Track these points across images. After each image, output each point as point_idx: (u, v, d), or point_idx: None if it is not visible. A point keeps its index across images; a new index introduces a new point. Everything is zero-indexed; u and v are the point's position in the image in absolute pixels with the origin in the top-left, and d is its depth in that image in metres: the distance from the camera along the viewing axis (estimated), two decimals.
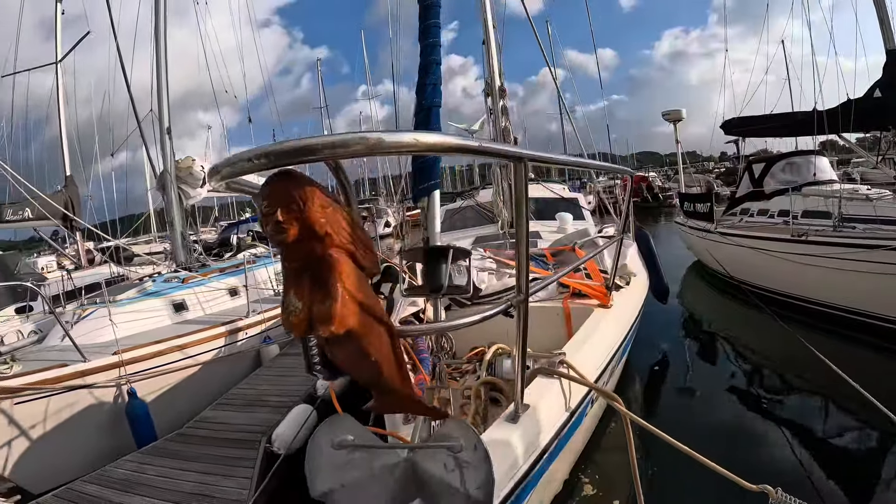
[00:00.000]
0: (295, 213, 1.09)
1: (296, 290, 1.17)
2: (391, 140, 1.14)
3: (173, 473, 5.10)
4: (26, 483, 5.65)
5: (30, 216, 11.95)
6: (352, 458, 1.59)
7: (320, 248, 1.12)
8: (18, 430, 5.68)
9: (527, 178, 1.79)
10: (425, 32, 3.73)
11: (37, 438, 5.78)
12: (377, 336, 1.22)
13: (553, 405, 2.60)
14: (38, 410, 5.82)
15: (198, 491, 4.68)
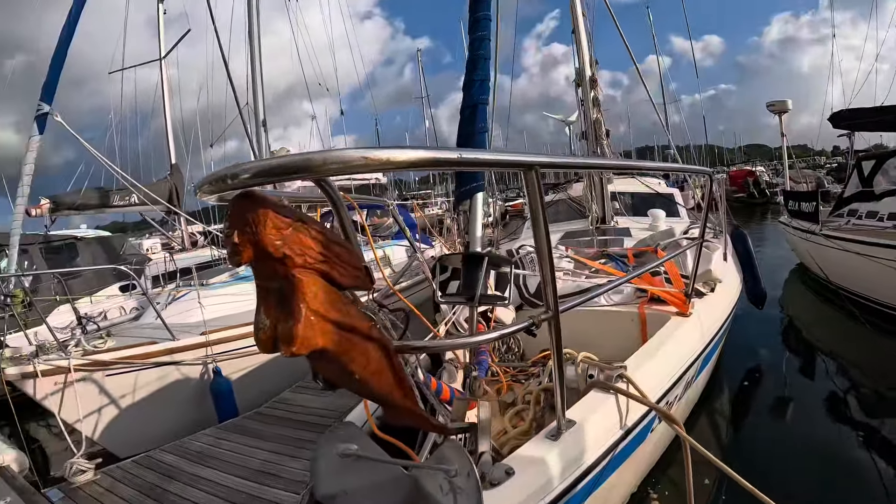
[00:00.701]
0: (248, 236, 1.09)
1: (265, 308, 1.18)
2: (379, 156, 1.18)
3: (245, 450, 5.47)
4: (113, 447, 6.22)
5: (135, 202, 12.87)
6: (355, 466, 1.67)
7: (282, 269, 1.12)
8: (109, 400, 6.25)
9: (540, 186, 1.74)
10: (475, 25, 3.68)
11: (125, 408, 6.34)
12: (360, 353, 1.25)
13: (605, 422, 2.46)
14: (127, 382, 6.37)
15: (265, 469, 5.00)
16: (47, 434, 7.39)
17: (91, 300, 10.14)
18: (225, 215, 1.18)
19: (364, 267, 1.40)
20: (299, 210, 1.23)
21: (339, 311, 1.19)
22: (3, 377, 5.70)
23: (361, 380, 1.26)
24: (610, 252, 5.89)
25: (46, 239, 11.30)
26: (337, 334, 1.17)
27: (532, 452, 2.14)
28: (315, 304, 1.13)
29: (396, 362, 1.38)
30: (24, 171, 7.63)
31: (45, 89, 7.62)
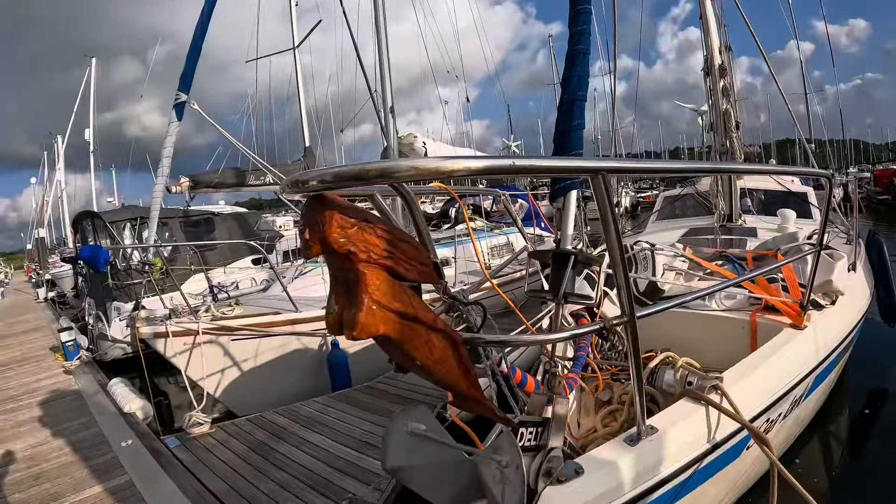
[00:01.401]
0: (317, 234, 1.19)
1: (335, 295, 1.28)
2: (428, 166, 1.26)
3: (351, 419, 5.65)
4: (231, 405, 6.66)
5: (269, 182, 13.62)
6: (422, 445, 1.80)
7: (348, 263, 1.22)
8: (231, 362, 6.63)
9: (609, 191, 1.68)
10: (574, 19, 3.54)
11: (246, 371, 6.70)
12: (423, 342, 1.33)
13: (691, 434, 2.36)
14: (250, 348, 6.72)
15: (366, 439, 5.14)
16: (173, 389, 7.97)
17: (224, 271, 10.84)
18: (301, 212, 1.30)
19: (433, 263, 1.53)
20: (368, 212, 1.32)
21: (402, 302, 1.27)
22: (137, 335, 6.20)
23: (424, 366, 1.35)
24: (728, 253, 5.54)
25: (186, 213, 12.18)
26: (399, 323, 1.26)
27: (606, 454, 2.10)
28: (377, 295, 1.22)
29: (462, 353, 1.45)
30: (163, 153, 8.27)
31: (182, 80, 8.22)
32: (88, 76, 31.91)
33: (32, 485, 4.73)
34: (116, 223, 11.10)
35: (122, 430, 5.68)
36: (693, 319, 4.25)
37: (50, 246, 32.34)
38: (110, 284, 9.71)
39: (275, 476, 4.58)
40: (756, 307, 4.08)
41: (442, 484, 1.86)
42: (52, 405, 6.96)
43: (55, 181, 36.95)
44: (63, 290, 19.56)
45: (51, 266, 22.89)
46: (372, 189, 2.27)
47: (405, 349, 1.30)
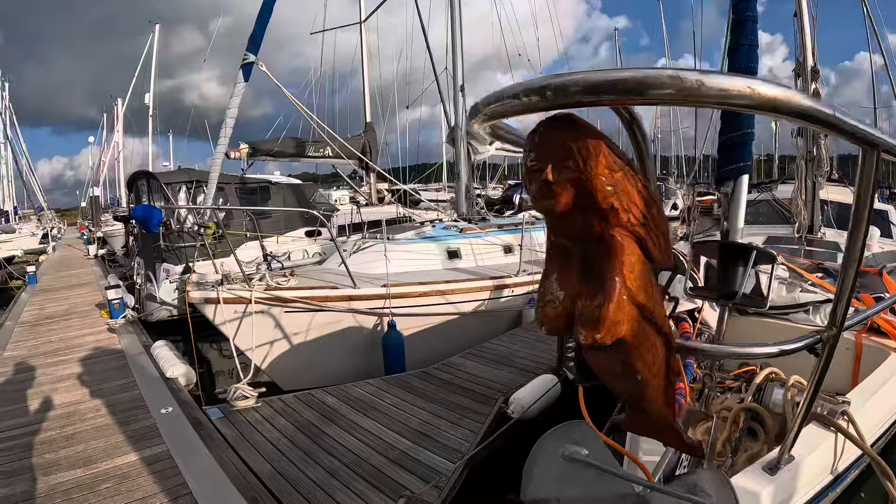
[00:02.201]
0: (571, 174, 0.84)
1: (559, 276, 0.94)
2: (715, 84, 0.77)
3: (406, 407, 5.29)
4: (278, 379, 6.42)
5: (329, 154, 13.42)
6: (578, 473, 1.39)
7: (600, 225, 0.86)
8: (282, 335, 6.37)
9: (877, 172, 1.29)
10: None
11: (296, 345, 6.44)
12: (650, 349, 0.95)
13: (820, 463, 2.29)
14: (303, 321, 6.46)
15: (423, 430, 4.80)
16: (215, 356, 7.77)
17: (277, 241, 10.65)
18: (529, 144, 0.89)
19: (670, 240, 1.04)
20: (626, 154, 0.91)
21: (647, 293, 0.91)
22: (187, 299, 5.97)
23: (644, 380, 0.95)
24: (827, 266, 5.13)
25: (242, 180, 12.02)
26: (639, 323, 0.90)
27: (747, 485, 2.02)
28: (630, 280, 0.87)
29: (674, 364, 1.03)
30: (227, 114, 8.05)
31: (251, 40, 8.02)
32: (151, 42, 32.58)
33: (64, 445, 4.48)
34: (172, 185, 10.98)
35: (162, 396, 5.42)
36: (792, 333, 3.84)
37: (103, 205, 33.02)
38: (161, 245, 9.59)
39: (323, 461, 4.26)
40: (862, 327, 3.81)
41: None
42: (93, 362, 6.75)
43: (112, 143, 37.77)
44: (113, 248, 19.81)
45: (103, 224, 23.22)
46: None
47: (631, 358, 0.91)
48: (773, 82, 0.80)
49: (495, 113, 0.89)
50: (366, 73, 17.31)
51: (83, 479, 3.94)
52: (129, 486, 3.82)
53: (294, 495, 3.79)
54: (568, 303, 0.91)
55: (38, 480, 3.94)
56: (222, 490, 3.70)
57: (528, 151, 0.89)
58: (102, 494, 3.73)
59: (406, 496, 3.61)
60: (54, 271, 16.66)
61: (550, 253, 0.96)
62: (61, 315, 9.84)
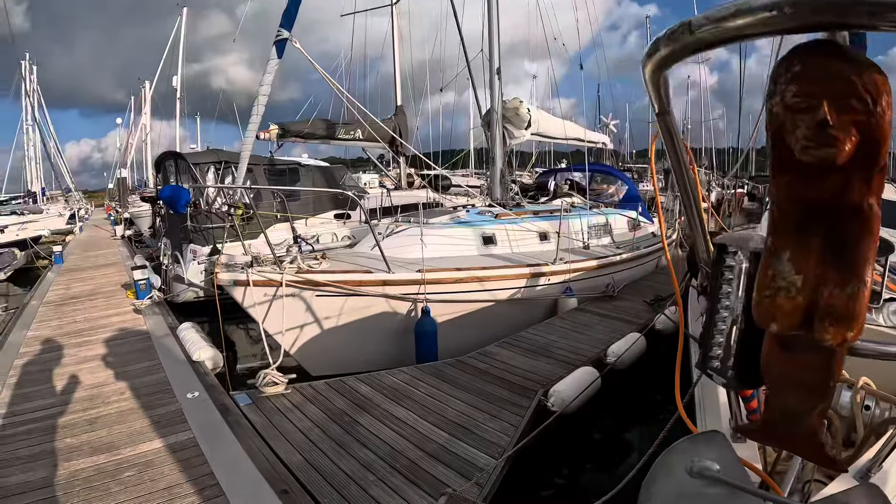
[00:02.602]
0: (858, 115, 0.64)
1: (794, 255, 0.74)
2: None
3: (442, 396, 5.06)
4: (308, 365, 6.20)
5: (360, 137, 13.22)
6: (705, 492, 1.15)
7: (861, 190, 0.67)
8: (313, 319, 6.17)
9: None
10: None
11: (327, 329, 6.23)
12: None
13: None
14: (335, 306, 6.24)
15: (460, 421, 4.57)
16: (242, 339, 7.60)
17: (307, 223, 10.47)
18: (787, 74, 0.68)
19: None
20: None
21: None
22: (216, 280, 5.79)
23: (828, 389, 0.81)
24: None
25: (271, 162, 11.86)
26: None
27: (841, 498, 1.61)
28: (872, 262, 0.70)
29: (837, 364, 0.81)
30: (260, 91, 7.80)
31: (284, 16, 7.77)
32: (179, 25, 32.64)
33: (86, 430, 4.32)
34: (200, 165, 10.82)
35: (189, 380, 5.24)
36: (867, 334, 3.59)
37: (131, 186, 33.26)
38: (188, 226, 9.44)
39: (357, 453, 4.04)
40: None
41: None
42: (118, 344, 6.61)
43: (140, 125, 38.03)
44: (140, 229, 19.86)
45: (130, 205, 23.33)
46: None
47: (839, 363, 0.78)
48: None
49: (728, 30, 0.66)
50: (397, 57, 17.11)
51: (105, 467, 3.76)
52: (153, 475, 3.63)
53: (327, 489, 3.57)
54: (808, 291, 0.72)
55: (58, 466, 3.77)
56: (251, 481, 3.50)
57: (788, 84, 0.68)
58: (125, 483, 3.55)
59: (448, 493, 3.37)
60: (81, 251, 16.68)
61: (779, 226, 0.76)
62: (87, 295, 9.76)
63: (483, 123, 10.84)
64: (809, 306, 0.73)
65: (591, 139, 15.12)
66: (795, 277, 0.74)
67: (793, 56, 0.69)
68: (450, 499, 3.34)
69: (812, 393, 0.83)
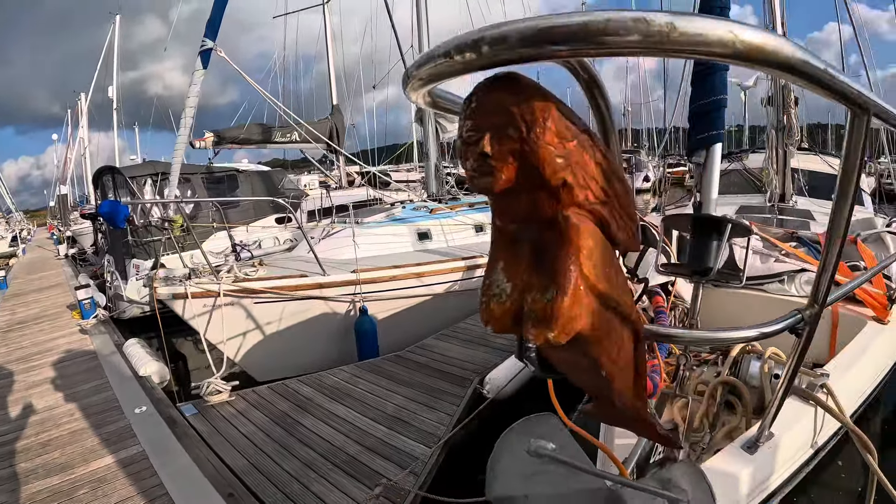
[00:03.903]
0: (513, 144, 0.71)
1: (506, 265, 0.82)
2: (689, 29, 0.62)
3: (381, 392, 5.34)
4: (252, 371, 6.42)
5: (296, 139, 13.34)
6: (545, 469, 1.33)
7: (551, 205, 0.74)
8: (254, 326, 6.37)
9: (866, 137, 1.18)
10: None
11: (269, 335, 6.45)
12: (615, 342, 0.85)
13: (800, 438, 2.26)
14: (274, 311, 6.45)
15: (399, 415, 4.84)
16: (191, 350, 7.75)
17: (247, 229, 10.59)
18: (465, 111, 0.76)
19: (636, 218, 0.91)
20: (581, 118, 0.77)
21: (610, 282, 0.79)
22: (155, 295, 5.93)
23: (609, 375, 0.85)
24: (801, 235, 5.17)
25: (209, 170, 11.91)
26: (599, 314, 0.78)
27: (726, 466, 1.98)
28: (588, 268, 0.75)
29: (641, 352, 0.93)
30: (187, 102, 7.94)
31: (208, 26, 7.88)
32: (112, 33, 31.92)
33: (40, 453, 4.49)
34: (137, 178, 10.83)
35: (136, 396, 5.42)
36: (770, 304, 3.97)
37: (72, 203, 32.62)
38: (129, 241, 9.50)
39: (299, 453, 4.30)
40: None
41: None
42: (66, 366, 6.72)
43: (78, 139, 37.21)
44: (83, 246, 19.58)
45: (72, 223, 22.96)
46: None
47: (593, 353, 0.82)
48: (760, 28, 0.68)
49: (430, 76, 0.77)
50: (330, 56, 17.14)
51: (60, 487, 3.95)
52: (106, 491, 3.84)
53: (270, 489, 3.82)
54: (516, 297, 0.80)
55: (16, 491, 3.95)
56: (198, 488, 3.73)
57: (464, 120, 0.77)
58: (79, 500, 3.76)
59: (383, 484, 3.65)
60: (25, 274, 16.45)
61: (496, 240, 0.85)
62: (33, 319, 9.76)
63: (416, 119, 11.03)
64: (518, 311, 0.79)
65: None
66: (506, 285, 0.81)
67: (472, 93, 0.76)
68: (385, 489, 3.62)
69: (592, 379, 0.91)
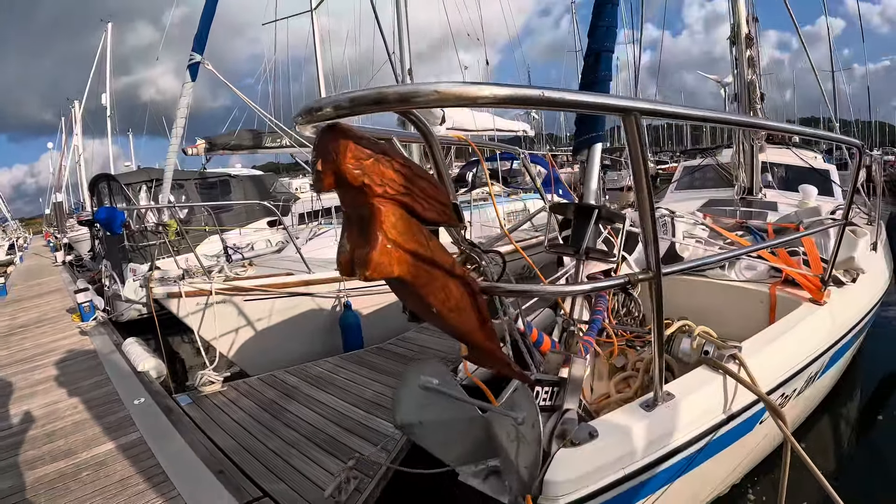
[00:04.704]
0: (330, 165, 1.13)
1: (347, 233, 1.22)
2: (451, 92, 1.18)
3: (361, 380, 5.73)
4: (244, 365, 6.80)
5: (286, 144, 13.71)
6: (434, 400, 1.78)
7: (362, 197, 1.16)
8: (245, 322, 6.73)
9: (641, 134, 1.58)
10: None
11: (259, 331, 6.81)
12: (440, 288, 1.27)
13: (707, 403, 2.37)
14: (263, 308, 6.81)
15: (376, 399, 5.22)
16: (188, 349, 8.13)
17: (241, 232, 10.97)
18: (314, 145, 1.20)
19: (453, 204, 1.42)
20: (386, 144, 1.24)
21: (419, 243, 1.22)
22: (151, 296, 6.30)
23: (440, 313, 1.28)
24: (750, 224, 5.49)
25: (202, 175, 12.31)
26: (414, 265, 1.20)
27: (621, 419, 2.12)
28: (393, 233, 1.17)
29: (480, 302, 1.38)
30: (177, 114, 8.38)
31: (196, 41, 8.28)
32: (104, 41, 32.15)
33: (46, 442, 4.83)
34: (132, 185, 11.23)
35: (135, 389, 5.79)
36: (712, 289, 4.25)
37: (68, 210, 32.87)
38: (126, 246, 9.85)
39: (283, 434, 4.66)
40: (776, 280, 4.06)
41: (454, 441, 1.85)
42: (67, 365, 7.09)
43: (72, 146, 37.44)
44: (80, 253, 19.92)
45: (68, 230, 23.27)
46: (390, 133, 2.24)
47: (421, 294, 1.25)
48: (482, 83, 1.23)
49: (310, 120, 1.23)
50: (319, 61, 17.35)
51: (65, 470, 4.28)
52: (107, 472, 4.18)
53: (256, 465, 4.18)
54: (350, 251, 1.18)
55: (23, 475, 4.27)
56: (192, 467, 4.07)
57: (313, 150, 1.18)
58: (83, 481, 4.09)
59: (356, 458, 4.01)
60: (23, 281, 16.79)
61: (343, 219, 1.26)
62: (34, 323, 10.11)
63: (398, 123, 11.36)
64: (352, 261, 1.17)
65: (508, 128, 15.75)
66: (347, 245, 1.19)
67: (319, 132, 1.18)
68: (357, 462, 3.98)
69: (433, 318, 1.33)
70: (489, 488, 1.82)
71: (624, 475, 1.96)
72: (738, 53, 7.76)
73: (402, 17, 11.31)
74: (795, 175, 8.28)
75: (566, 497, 1.83)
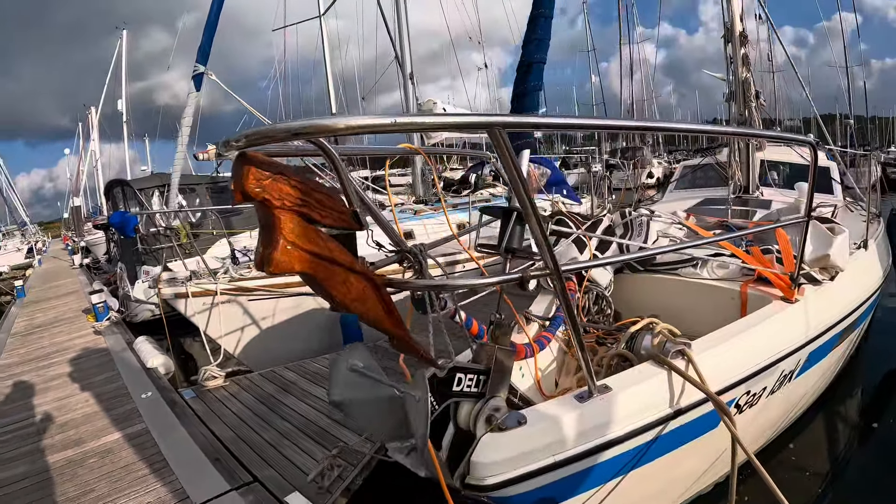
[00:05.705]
0: (237, 185, 1.35)
1: (260, 238, 1.43)
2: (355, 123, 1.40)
3: None
4: (248, 362, 7.07)
5: None
6: (361, 381, 1.98)
7: (265, 209, 1.38)
8: (249, 321, 7.02)
9: (508, 146, 1.70)
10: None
11: (263, 329, 7.09)
12: (340, 282, 1.49)
13: (649, 398, 2.39)
14: (267, 307, 7.08)
15: None
16: (197, 349, 8.40)
17: (251, 235, 11.24)
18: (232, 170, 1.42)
19: (352, 211, 1.66)
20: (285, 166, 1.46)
21: (316, 245, 1.42)
22: (160, 296, 6.60)
23: (342, 304, 1.51)
24: (731, 223, 5.51)
25: (213, 180, 12.62)
26: (314, 262, 1.41)
27: (551, 409, 2.21)
28: (291, 237, 1.37)
29: (384, 294, 1.62)
30: (183, 122, 8.78)
31: (200, 52, 8.65)
32: (120, 48, 32.74)
33: (58, 432, 5.14)
34: (145, 190, 11.56)
35: (143, 384, 6.10)
36: (683, 287, 4.31)
37: (85, 214, 33.39)
38: (139, 249, 10.17)
39: (278, 425, 4.92)
40: (748, 278, 4.04)
41: (379, 419, 2.05)
42: (81, 362, 7.43)
43: (89, 151, 38.07)
44: (97, 256, 20.33)
45: (86, 233, 23.71)
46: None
47: (324, 286, 1.46)
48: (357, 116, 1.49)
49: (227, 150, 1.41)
50: (328, 66, 17.68)
51: (74, 458, 4.57)
52: (114, 459, 4.46)
53: (251, 454, 4.42)
54: (261, 251, 1.38)
55: (35, 463, 4.56)
56: (192, 455, 4.34)
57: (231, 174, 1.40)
58: (90, 467, 4.37)
59: (340, 447, 4.25)
60: (41, 283, 17.27)
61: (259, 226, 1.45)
62: (50, 323, 10.51)
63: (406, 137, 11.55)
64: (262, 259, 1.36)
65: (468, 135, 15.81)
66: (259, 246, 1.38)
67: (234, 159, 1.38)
68: (341, 451, 4.23)
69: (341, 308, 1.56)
70: (409, 463, 2.05)
71: (555, 461, 2.07)
72: (733, 52, 7.76)
73: (403, 24, 11.54)
74: (796, 173, 8.20)
75: (493, 478, 2.01)
